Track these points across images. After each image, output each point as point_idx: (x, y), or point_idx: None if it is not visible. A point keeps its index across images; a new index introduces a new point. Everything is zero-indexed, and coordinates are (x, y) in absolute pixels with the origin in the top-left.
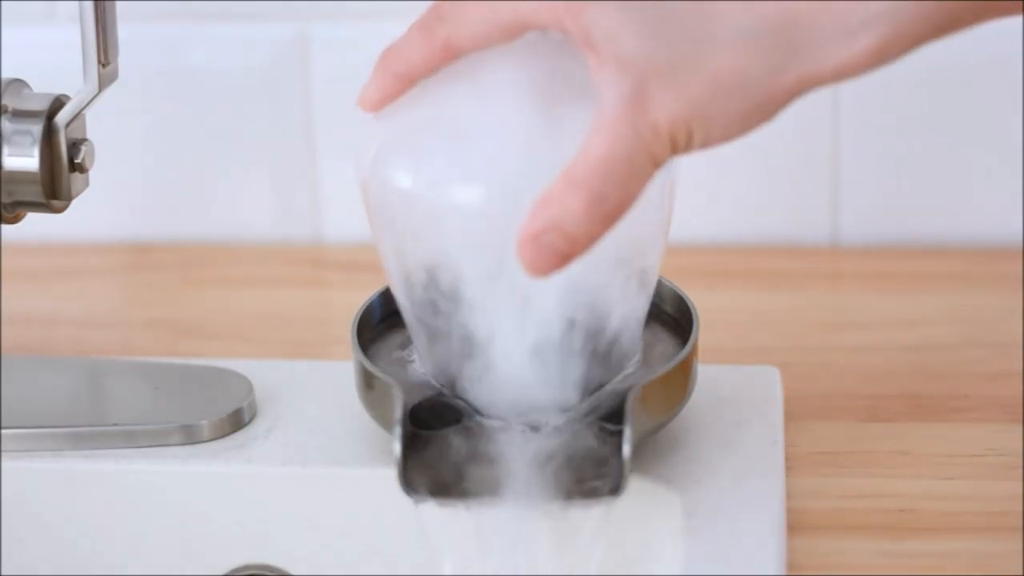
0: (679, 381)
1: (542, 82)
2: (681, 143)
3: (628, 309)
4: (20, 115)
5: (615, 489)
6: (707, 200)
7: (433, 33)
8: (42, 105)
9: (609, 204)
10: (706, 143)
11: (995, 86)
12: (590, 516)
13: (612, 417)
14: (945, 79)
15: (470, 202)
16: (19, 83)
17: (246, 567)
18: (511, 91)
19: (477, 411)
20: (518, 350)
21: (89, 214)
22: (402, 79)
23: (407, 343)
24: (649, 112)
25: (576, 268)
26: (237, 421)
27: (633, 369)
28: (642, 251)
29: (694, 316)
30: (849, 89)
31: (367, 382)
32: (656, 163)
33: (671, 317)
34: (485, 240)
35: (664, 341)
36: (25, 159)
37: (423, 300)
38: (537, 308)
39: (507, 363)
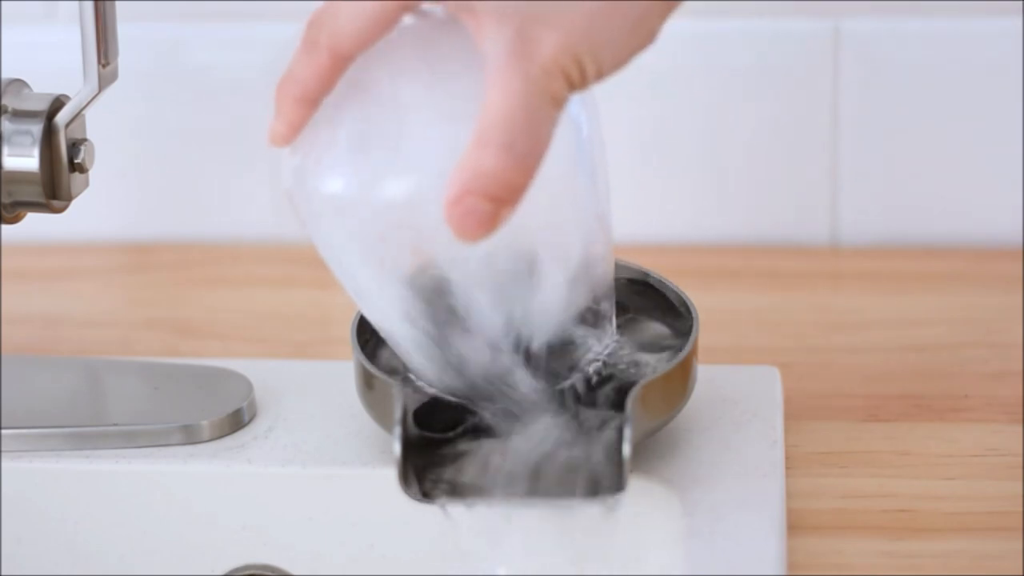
0: (679, 381)
1: (436, 65)
2: (575, 76)
3: (587, 251)
4: (20, 115)
5: (616, 488)
6: (707, 200)
7: (316, 46)
8: (42, 105)
9: (518, 152)
10: (601, 72)
11: (995, 86)
12: (590, 516)
13: (609, 399)
14: (945, 79)
15: (403, 193)
16: (19, 83)
17: (246, 567)
18: (410, 83)
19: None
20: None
21: (89, 214)
22: (303, 102)
23: None
24: (535, 54)
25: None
26: (237, 421)
27: (613, 341)
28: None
29: (694, 316)
30: (849, 89)
31: (367, 382)
32: (557, 101)
33: (670, 317)
34: (423, 229)
35: (664, 341)
36: (25, 159)
37: (381, 298)
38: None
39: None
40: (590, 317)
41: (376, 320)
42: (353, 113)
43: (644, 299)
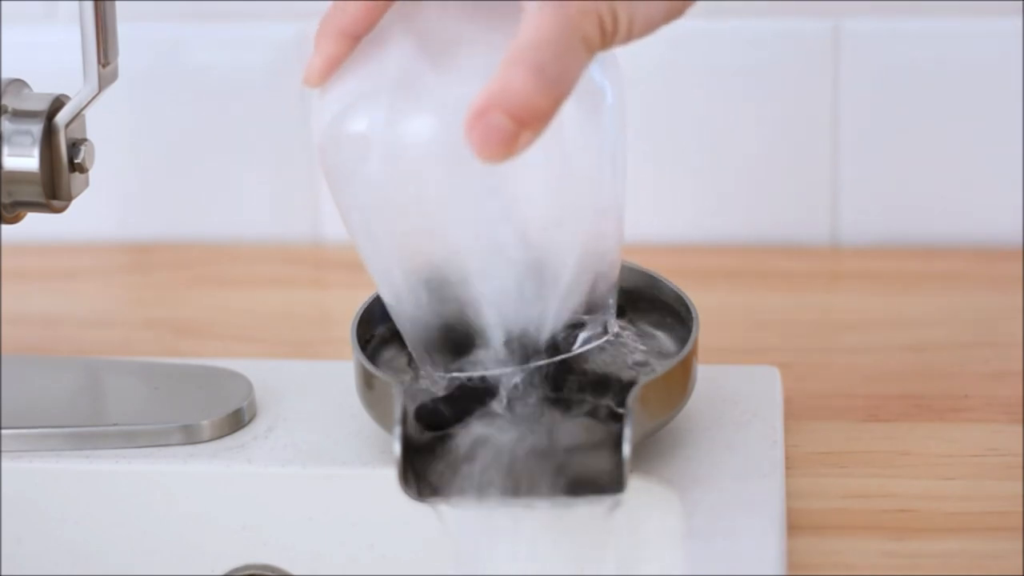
0: (679, 381)
1: (475, 14)
2: (608, 24)
3: (601, 229)
4: (20, 115)
5: (616, 488)
6: (707, 200)
7: None
8: (42, 105)
9: (548, 76)
10: (631, 29)
11: (995, 86)
12: (590, 516)
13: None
14: (945, 79)
15: (426, 134)
16: (19, 83)
17: (246, 567)
18: (446, 31)
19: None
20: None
21: (89, 214)
22: (343, 37)
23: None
24: None
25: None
26: (237, 421)
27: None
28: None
29: (694, 316)
30: (849, 89)
31: (367, 382)
32: (588, 44)
33: (670, 317)
34: (444, 170)
35: (664, 341)
36: (25, 159)
37: (395, 249)
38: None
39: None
40: (593, 306)
41: (387, 290)
42: (387, 59)
43: (644, 299)
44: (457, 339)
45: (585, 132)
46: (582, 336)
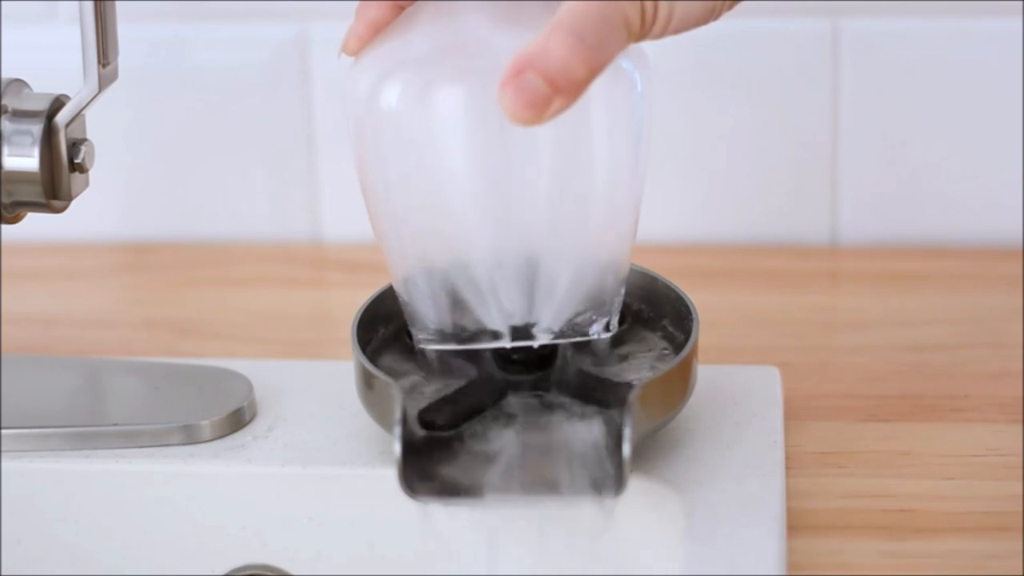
0: (679, 381)
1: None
2: (649, 12)
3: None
4: (20, 115)
5: (615, 488)
6: (707, 200)
7: None
8: (42, 105)
9: (587, 43)
10: (669, 22)
11: (995, 86)
12: (591, 516)
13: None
14: (945, 79)
15: (460, 107)
16: (19, 83)
17: (246, 567)
18: (493, 4)
19: (477, 335)
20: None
21: (89, 214)
22: (386, 5)
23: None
24: None
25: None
26: (237, 421)
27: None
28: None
29: (694, 316)
30: (848, 89)
31: (367, 382)
32: (628, 27)
33: (671, 317)
34: (475, 138)
35: (663, 341)
36: (25, 159)
37: (417, 228)
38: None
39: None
40: (600, 298)
41: (401, 267)
42: (424, 31)
43: (643, 299)
44: (461, 321)
45: (613, 118)
46: (585, 328)
